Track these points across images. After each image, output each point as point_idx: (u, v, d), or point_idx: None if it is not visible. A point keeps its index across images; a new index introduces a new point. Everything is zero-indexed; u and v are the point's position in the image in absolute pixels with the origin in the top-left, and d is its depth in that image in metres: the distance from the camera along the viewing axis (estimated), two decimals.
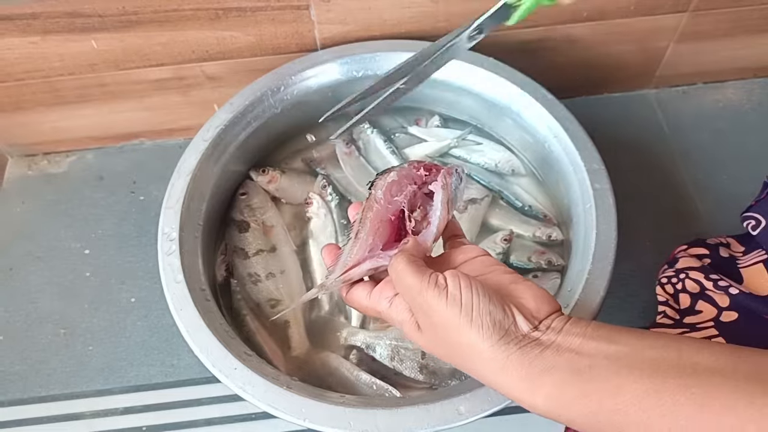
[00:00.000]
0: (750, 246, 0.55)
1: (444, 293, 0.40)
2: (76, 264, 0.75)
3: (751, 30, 0.80)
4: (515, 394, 0.38)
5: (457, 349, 0.40)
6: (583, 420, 0.36)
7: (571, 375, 0.36)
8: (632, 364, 0.35)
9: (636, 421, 0.34)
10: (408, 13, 0.70)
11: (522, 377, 0.37)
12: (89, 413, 0.66)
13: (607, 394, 0.35)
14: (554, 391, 0.36)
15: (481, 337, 0.38)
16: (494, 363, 0.38)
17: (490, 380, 0.39)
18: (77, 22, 0.66)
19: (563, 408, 0.36)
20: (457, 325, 0.39)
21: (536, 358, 0.37)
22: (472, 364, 0.39)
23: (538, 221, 0.71)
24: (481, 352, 0.38)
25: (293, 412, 0.50)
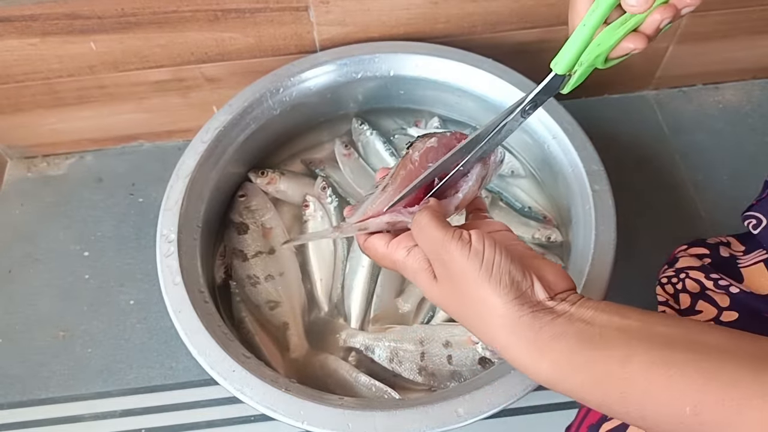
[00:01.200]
0: (751, 245, 0.54)
1: (467, 246, 0.39)
2: (75, 266, 0.75)
3: (750, 31, 0.80)
4: (521, 358, 0.38)
5: (470, 304, 0.40)
6: (586, 388, 0.36)
7: (580, 342, 0.36)
8: (642, 336, 0.35)
9: (642, 389, 0.34)
10: (407, 14, 0.70)
11: (530, 340, 0.37)
12: (88, 415, 0.66)
13: (615, 362, 0.35)
14: (561, 357, 0.36)
15: (497, 293, 0.38)
16: (505, 321, 0.38)
17: (497, 340, 0.39)
18: (76, 24, 0.66)
19: (568, 374, 0.36)
20: (475, 278, 0.39)
21: (547, 324, 0.37)
22: (482, 321, 0.39)
23: (538, 223, 0.70)
24: (495, 308, 0.38)
25: (292, 415, 0.50)
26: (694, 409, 0.32)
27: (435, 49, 0.70)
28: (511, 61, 0.69)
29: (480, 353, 0.60)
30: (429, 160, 0.47)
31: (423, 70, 0.70)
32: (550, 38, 0.76)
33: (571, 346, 0.36)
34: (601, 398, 0.36)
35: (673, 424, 0.33)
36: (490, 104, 0.70)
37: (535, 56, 0.78)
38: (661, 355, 0.34)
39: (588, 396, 0.36)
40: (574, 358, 0.36)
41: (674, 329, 0.36)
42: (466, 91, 0.71)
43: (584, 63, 0.42)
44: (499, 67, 0.69)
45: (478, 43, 0.74)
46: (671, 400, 0.33)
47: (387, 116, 0.78)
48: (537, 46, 0.77)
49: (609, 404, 0.35)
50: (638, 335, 0.36)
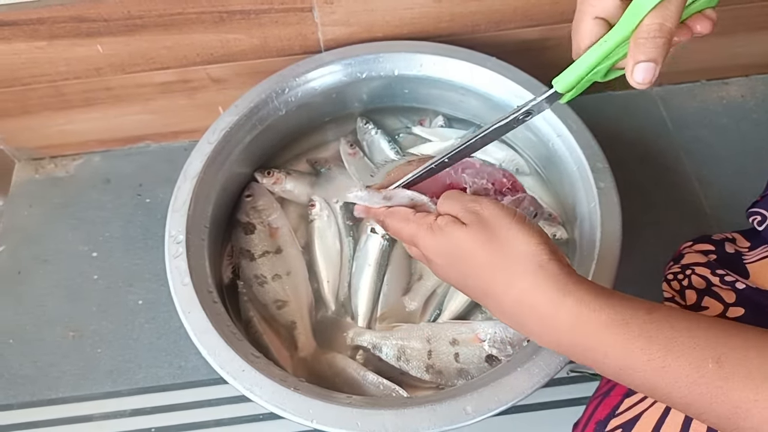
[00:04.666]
0: (756, 241, 0.54)
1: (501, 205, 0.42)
2: (84, 267, 0.75)
3: (754, 27, 0.80)
4: (543, 299, 0.38)
5: (498, 247, 0.40)
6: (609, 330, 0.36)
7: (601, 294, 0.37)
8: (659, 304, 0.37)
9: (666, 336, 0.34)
10: (410, 14, 0.71)
11: (556, 279, 0.38)
12: (98, 415, 0.66)
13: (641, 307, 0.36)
14: (586, 295, 0.37)
15: (529, 233, 0.40)
16: (532, 261, 0.39)
17: (520, 282, 0.39)
18: (83, 27, 0.66)
19: (591, 314, 0.36)
20: (509, 222, 0.40)
21: (572, 273, 0.38)
22: (507, 263, 0.40)
23: (543, 220, 0.70)
24: (523, 247, 0.39)
25: (301, 414, 0.50)
26: (717, 360, 0.32)
27: (439, 48, 0.70)
28: (515, 59, 0.69)
29: (487, 351, 0.61)
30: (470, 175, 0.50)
31: (427, 69, 0.70)
32: (553, 36, 0.76)
33: (595, 289, 0.37)
34: (623, 341, 0.35)
35: (694, 379, 0.33)
36: (494, 102, 0.71)
37: (539, 54, 0.78)
38: (684, 315, 0.35)
39: (610, 339, 0.36)
40: (599, 298, 0.37)
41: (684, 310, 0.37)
42: (470, 90, 0.71)
43: (585, 81, 0.44)
44: (502, 66, 0.69)
45: (482, 41, 0.74)
46: (695, 348, 0.33)
47: (392, 115, 0.78)
48: (540, 43, 0.77)
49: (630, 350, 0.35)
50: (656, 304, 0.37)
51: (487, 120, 0.76)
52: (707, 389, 0.32)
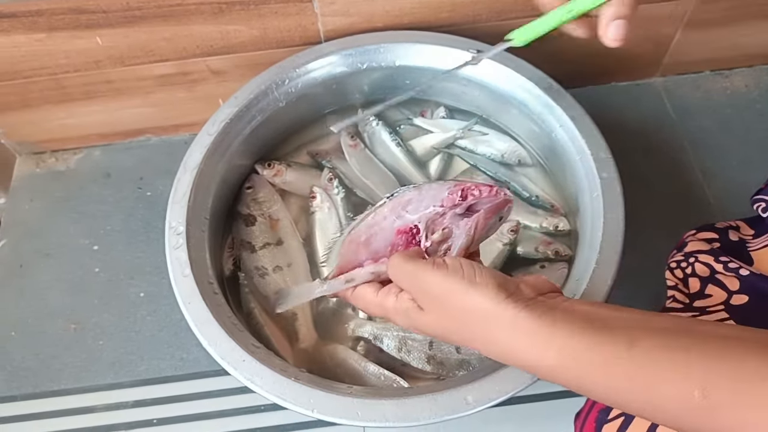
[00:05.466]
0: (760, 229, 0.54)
1: (444, 267, 0.40)
2: (85, 260, 0.76)
3: (758, 16, 0.80)
4: (526, 352, 0.37)
5: (461, 318, 0.39)
6: (593, 373, 0.35)
7: (583, 325, 0.36)
8: (644, 325, 0.35)
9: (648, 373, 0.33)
10: (411, 3, 0.70)
11: (533, 331, 0.37)
12: (100, 407, 0.67)
13: (621, 345, 0.34)
14: (566, 342, 0.36)
15: (487, 296, 0.38)
16: (502, 321, 0.37)
17: (499, 342, 0.38)
18: (82, 19, 0.66)
19: (574, 360, 0.36)
20: (460, 290, 0.39)
21: (546, 313, 0.37)
22: (479, 329, 0.39)
23: (546, 212, 0.70)
24: (487, 311, 0.38)
25: (302, 403, 0.50)
26: (703, 392, 0.31)
27: (440, 38, 0.70)
28: (517, 49, 0.68)
29: None
30: (406, 210, 0.47)
31: (428, 60, 0.70)
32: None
33: (574, 331, 0.36)
34: (607, 384, 0.35)
35: (682, 411, 0.33)
36: (496, 93, 0.70)
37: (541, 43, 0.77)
38: (666, 339, 0.34)
39: (594, 382, 0.36)
40: (579, 342, 0.35)
41: (675, 321, 0.36)
42: (472, 80, 0.71)
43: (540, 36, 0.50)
44: (504, 55, 0.68)
45: (483, 31, 0.74)
46: (678, 383, 0.32)
47: (393, 106, 0.78)
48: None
49: (616, 390, 0.35)
50: (640, 324, 0.35)
51: (490, 112, 0.76)
52: (695, 419, 0.32)
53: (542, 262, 0.67)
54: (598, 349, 0.35)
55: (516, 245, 0.68)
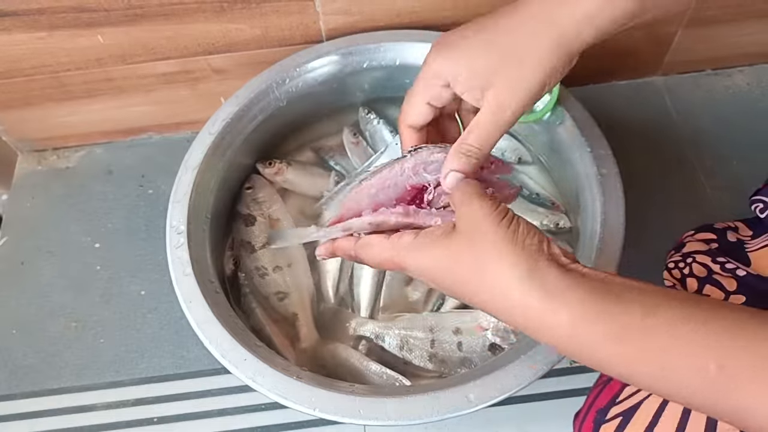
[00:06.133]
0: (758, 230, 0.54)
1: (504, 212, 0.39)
2: (87, 258, 0.76)
3: (760, 15, 0.79)
4: (537, 308, 0.36)
5: (484, 254, 0.38)
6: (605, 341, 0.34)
7: (599, 293, 0.35)
8: (660, 295, 0.35)
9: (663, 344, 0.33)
10: (412, 2, 0.70)
11: (548, 288, 0.35)
12: (101, 405, 0.67)
13: (636, 314, 0.34)
14: (580, 306, 0.35)
15: (516, 235, 0.37)
16: (521, 269, 0.36)
17: (512, 288, 0.36)
18: (83, 17, 0.66)
19: (587, 325, 0.35)
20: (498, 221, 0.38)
21: (565, 273, 0.36)
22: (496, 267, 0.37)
23: (546, 209, 0.70)
24: (510, 253, 0.37)
25: (303, 402, 0.50)
26: (719, 364, 0.31)
27: None
28: None
29: (490, 339, 0.61)
30: (425, 171, 0.46)
31: None
32: None
33: (590, 296, 0.35)
34: (620, 353, 0.34)
35: (696, 385, 0.32)
36: None
37: None
38: (682, 310, 0.33)
39: (607, 351, 0.35)
40: (593, 308, 0.35)
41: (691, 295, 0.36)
42: None
43: None
44: None
45: None
46: (694, 354, 0.32)
47: (394, 105, 0.78)
48: None
49: (628, 362, 0.34)
50: (656, 294, 0.35)
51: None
52: (710, 393, 0.32)
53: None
54: (612, 316, 0.34)
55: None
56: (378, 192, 0.46)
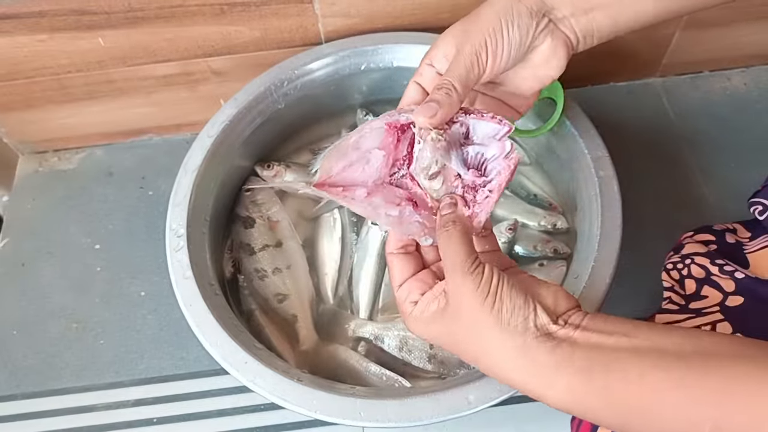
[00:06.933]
0: (757, 231, 0.54)
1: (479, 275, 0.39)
2: (87, 259, 0.76)
3: (757, 17, 0.80)
4: (532, 385, 0.37)
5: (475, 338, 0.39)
6: (603, 412, 0.36)
7: (591, 366, 0.36)
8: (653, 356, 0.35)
9: (659, 410, 0.33)
10: (411, 4, 0.70)
11: (540, 366, 0.36)
12: (101, 405, 0.67)
13: (628, 384, 0.34)
14: (574, 382, 0.36)
15: (500, 317, 0.37)
16: (512, 344, 0.37)
17: (503, 369, 0.38)
18: (84, 20, 0.67)
19: (582, 399, 0.36)
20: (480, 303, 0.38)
21: (555, 348, 0.36)
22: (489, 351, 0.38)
23: (544, 210, 0.70)
24: (499, 331, 0.37)
25: (304, 404, 0.50)
26: (714, 424, 0.31)
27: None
28: None
29: None
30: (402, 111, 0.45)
31: None
32: None
33: (583, 370, 0.36)
34: (616, 419, 0.35)
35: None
36: None
37: None
38: (675, 372, 0.34)
39: (606, 419, 0.36)
40: (585, 384, 0.35)
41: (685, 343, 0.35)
42: None
43: None
44: None
45: None
46: (689, 418, 0.32)
47: (392, 107, 0.77)
48: None
49: (624, 424, 0.35)
50: (648, 354, 0.35)
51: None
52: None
53: (541, 261, 0.67)
54: (606, 390, 0.35)
55: (514, 244, 0.68)
56: (359, 140, 0.45)
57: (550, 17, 0.47)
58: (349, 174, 0.44)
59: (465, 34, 0.46)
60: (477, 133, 0.45)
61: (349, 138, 0.45)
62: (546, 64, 0.48)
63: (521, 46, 0.46)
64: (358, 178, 0.44)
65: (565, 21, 0.47)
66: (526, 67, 0.49)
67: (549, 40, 0.47)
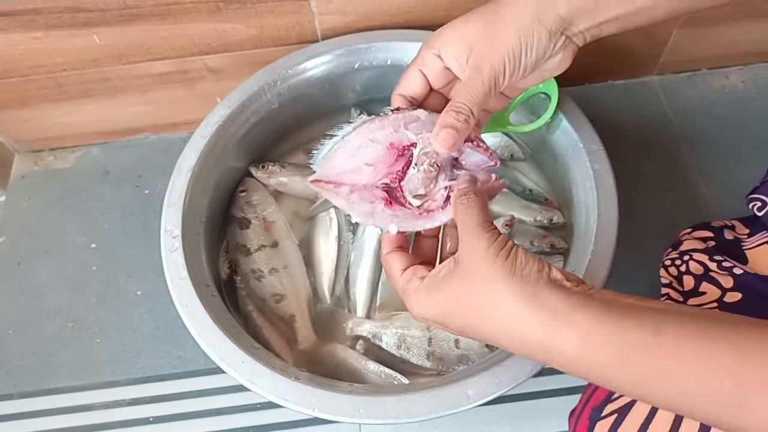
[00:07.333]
0: (755, 228, 0.54)
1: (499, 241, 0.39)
2: (83, 258, 0.76)
3: (755, 15, 0.80)
4: (542, 333, 0.35)
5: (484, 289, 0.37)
6: (615, 362, 0.34)
7: (608, 310, 0.34)
8: (669, 313, 0.34)
9: (675, 363, 0.32)
10: (408, 2, 0.70)
11: (552, 311, 0.35)
12: (97, 404, 0.67)
13: (646, 333, 0.33)
14: (587, 327, 0.34)
15: (513, 266, 0.37)
16: (523, 292, 0.36)
17: (513, 320, 0.36)
18: (79, 17, 0.66)
19: (595, 347, 0.34)
20: (494, 256, 0.37)
21: (568, 296, 0.35)
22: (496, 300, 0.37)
23: (540, 205, 0.70)
24: (508, 283, 0.36)
25: (302, 403, 0.50)
26: (734, 381, 0.30)
27: None
28: None
29: None
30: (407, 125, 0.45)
31: None
32: None
33: (597, 315, 0.34)
34: (632, 374, 0.34)
35: (711, 402, 0.31)
36: None
37: None
38: (693, 327, 0.32)
39: (617, 372, 0.34)
40: (601, 327, 0.34)
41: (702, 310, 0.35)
42: None
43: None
44: None
45: None
46: (708, 372, 0.31)
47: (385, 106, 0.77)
48: None
49: (640, 380, 0.33)
50: (665, 312, 0.34)
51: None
52: (728, 410, 0.31)
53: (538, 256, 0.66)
54: (622, 336, 0.33)
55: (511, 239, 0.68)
56: (359, 149, 0.45)
57: (567, 34, 0.46)
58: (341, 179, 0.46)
59: (483, 48, 0.45)
60: (468, 160, 0.46)
61: (353, 141, 0.46)
62: (554, 69, 0.49)
63: (536, 65, 0.47)
64: (348, 180, 0.46)
65: (579, 35, 0.47)
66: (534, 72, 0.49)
67: (561, 54, 0.47)
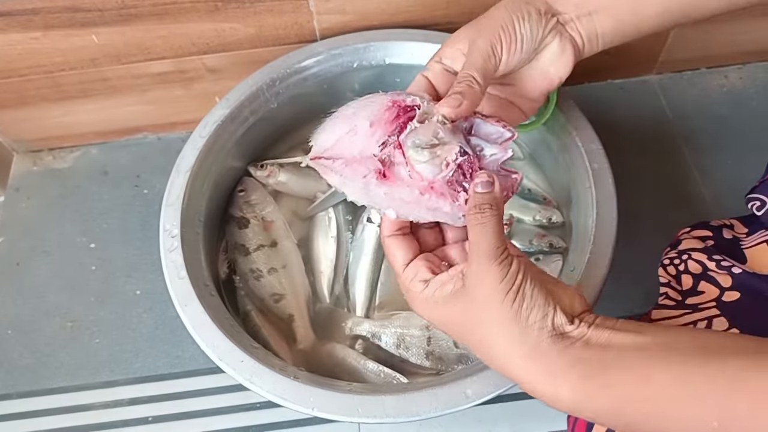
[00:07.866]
0: (754, 227, 0.54)
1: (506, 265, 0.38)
2: (82, 258, 0.76)
3: (754, 14, 0.80)
4: (539, 385, 0.37)
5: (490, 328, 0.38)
6: (609, 413, 0.36)
7: (598, 367, 0.36)
8: (660, 353, 0.35)
9: (663, 409, 0.34)
10: (406, 2, 0.70)
11: (549, 368, 0.37)
12: (96, 404, 0.67)
13: (635, 384, 0.35)
14: (579, 384, 0.36)
15: (519, 315, 0.37)
16: (523, 346, 0.37)
17: (512, 364, 0.38)
18: (78, 17, 0.66)
19: (589, 401, 0.36)
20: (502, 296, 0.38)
21: (565, 350, 0.37)
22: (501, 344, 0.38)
23: (538, 204, 0.70)
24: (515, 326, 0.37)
25: (302, 402, 0.50)
26: (721, 423, 0.32)
27: (430, 36, 0.69)
28: None
29: None
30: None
31: (418, 58, 0.69)
32: None
33: (590, 371, 0.36)
34: (625, 421, 0.35)
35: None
36: None
37: None
38: (681, 371, 0.34)
39: (612, 420, 0.36)
40: (592, 384, 0.36)
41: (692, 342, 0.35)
42: None
43: None
44: None
45: None
46: (695, 416, 0.33)
47: None
48: None
49: (631, 425, 0.35)
50: (656, 352, 0.35)
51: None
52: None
53: (536, 256, 0.67)
54: (610, 391, 0.35)
55: (510, 239, 0.68)
56: (357, 111, 0.43)
57: (559, 20, 0.49)
58: (338, 149, 0.43)
59: (477, 31, 0.47)
60: (480, 131, 0.45)
61: (348, 108, 0.44)
62: (555, 63, 0.50)
63: (532, 41, 0.48)
64: (346, 151, 0.43)
65: (570, 24, 0.49)
66: (536, 66, 0.50)
67: (558, 40, 0.49)
